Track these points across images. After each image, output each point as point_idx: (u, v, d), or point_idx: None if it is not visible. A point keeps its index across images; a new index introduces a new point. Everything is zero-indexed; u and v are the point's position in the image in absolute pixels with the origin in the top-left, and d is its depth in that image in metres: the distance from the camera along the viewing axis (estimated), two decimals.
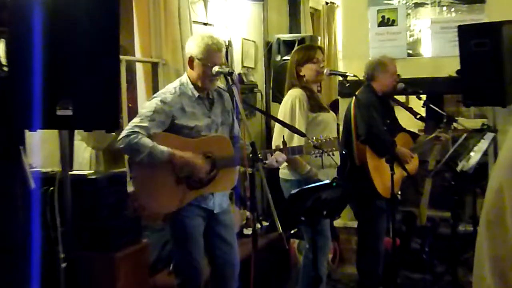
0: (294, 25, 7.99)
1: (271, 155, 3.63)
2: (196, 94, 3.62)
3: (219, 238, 3.77)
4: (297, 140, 4.05)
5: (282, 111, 4.33)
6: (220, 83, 3.82)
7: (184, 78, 3.68)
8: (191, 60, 3.62)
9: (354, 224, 5.30)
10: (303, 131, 3.99)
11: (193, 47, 3.60)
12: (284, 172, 4.39)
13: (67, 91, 2.78)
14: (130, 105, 5.64)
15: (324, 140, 3.73)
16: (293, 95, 4.31)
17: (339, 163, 4.35)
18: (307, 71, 4.34)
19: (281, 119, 4.26)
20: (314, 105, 4.28)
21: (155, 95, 3.66)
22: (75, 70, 2.79)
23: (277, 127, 4.33)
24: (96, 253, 3.68)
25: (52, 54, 2.73)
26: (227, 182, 3.70)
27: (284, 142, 3.70)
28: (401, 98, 7.31)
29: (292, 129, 3.90)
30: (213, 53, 3.55)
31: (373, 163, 4.62)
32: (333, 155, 3.81)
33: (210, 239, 3.74)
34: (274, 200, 3.01)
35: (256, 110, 6.72)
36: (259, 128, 6.97)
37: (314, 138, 3.73)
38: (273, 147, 3.90)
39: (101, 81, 2.84)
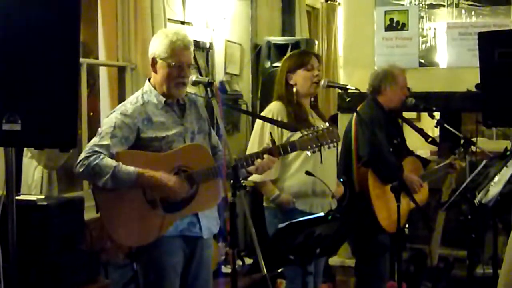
0: (288, 26, 8.02)
1: (260, 158, 3.62)
2: (163, 99, 3.60)
3: (194, 276, 3.73)
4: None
5: (254, 128, 4.36)
6: (192, 89, 3.81)
7: (147, 86, 3.67)
8: (153, 62, 3.60)
9: (353, 262, 5.30)
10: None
11: (155, 46, 3.59)
12: (264, 198, 4.40)
13: (15, 103, 2.77)
14: (92, 114, 5.63)
15: (320, 132, 3.70)
16: (267, 110, 4.34)
17: (334, 190, 4.34)
18: (299, 79, 4.32)
19: (253, 133, 4.31)
20: (292, 123, 4.22)
21: (114, 109, 3.64)
22: (25, 77, 2.78)
23: (252, 134, 4.34)
24: None
25: None
26: (211, 198, 3.67)
27: (272, 141, 3.70)
28: (411, 114, 7.38)
29: (281, 124, 3.97)
30: (178, 50, 3.54)
31: (376, 190, 4.62)
32: (334, 147, 3.80)
33: (185, 276, 3.70)
34: (260, 233, 3.00)
35: (242, 112, 6.74)
36: (244, 145, 6.95)
37: (311, 129, 3.71)
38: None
39: (56, 91, 2.83)
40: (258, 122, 4.31)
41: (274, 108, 4.31)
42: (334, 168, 4.41)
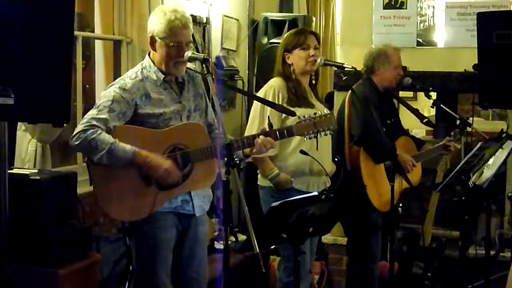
0: (285, 2, 7.95)
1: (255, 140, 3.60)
2: (162, 77, 3.60)
3: (190, 253, 3.75)
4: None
5: (253, 105, 4.36)
6: (191, 65, 3.79)
7: (146, 61, 3.66)
8: (152, 41, 3.60)
9: (346, 240, 5.29)
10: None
11: (154, 24, 3.57)
12: (259, 177, 4.39)
13: (8, 76, 2.74)
14: (87, 86, 5.61)
15: (317, 118, 3.68)
16: (269, 85, 4.35)
17: (328, 170, 4.34)
18: (295, 58, 4.34)
19: (252, 111, 4.30)
20: (293, 99, 4.26)
21: (112, 82, 3.63)
22: (18, 51, 2.75)
23: (250, 117, 4.34)
24: (36, 268, 3.64)
25: None
26: (206, 178, 3.66)
27: (270, 124, 3.69)
28: (408, 94, 7.35)
29: (279, 107, 3.97)
30: (177, 30, 3.53)
31: (368, 169, 4.62)
32: (331, 133, 3.82)
33: (180, 253, 3.72)
34: (253, 211, 2.98)
35: (238, 92, 6.72)
36: (239, 122, 6.94)
37: (305, 116, 3.69)
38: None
39: (50, 65, 2.81)
40: (258, 102, 4.29)
41: (275, 84, 4.32)
42: (329, 150, 4.40)
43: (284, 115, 4.20)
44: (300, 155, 4.16)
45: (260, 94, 4.36)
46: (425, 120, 4.87)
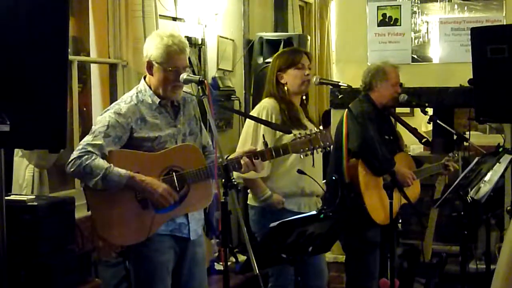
0: (280, 22, 8.00)
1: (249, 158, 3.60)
2: (157, 100, 3.60)
3: (189, 274, 3.74)
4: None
5: (246, 124, 4.34)
6: (187, 88, 3.80)
7: (142, 85, 3.67)
8: (149, 65, 3.61)
9: None
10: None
11: (151, 49, 3.58)
12: (250, 196, 4.38)
13: (4, 103, 2.75)
14: (84, 109, 5.61)
15: (313, 135, 3.67)
16: (261, 106, 4.33)
17: (320, 190, 4.33)
18: (290, 78, 4.30)
19: (244, 131, 4.29)
20: (286, 121, 4.22)
21: (108, 107, 3.63)
22: (13, 78, 2.76)
23: (244, 134, 4.32)
24: None
25: None
26: (202, 199, 3.67)
27: (265, 143, 3.69)
28: (405, 110, 7.36)
29: (274, 126, 3.96)
30: (174, 55, 3.54)
31: (366, 180, 4.59)
32: (328, 150, 3.81)
33: (178, 275, 3.72)
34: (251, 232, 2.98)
35: (233, 112, 6.73)
36: (236, 142, 6.90)
37: (301, 133, 3.69)
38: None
39: (45, 92, 2.82)
40: (251, 122, 4.28)
41: (268, 105, 4.29)
42: (321, 169, 4.39)
43: (278, 133, 4.19)
44: (292, 176, 4.16)
45: (253, 114, 4.33)
46: (423, 140, 4.88)
